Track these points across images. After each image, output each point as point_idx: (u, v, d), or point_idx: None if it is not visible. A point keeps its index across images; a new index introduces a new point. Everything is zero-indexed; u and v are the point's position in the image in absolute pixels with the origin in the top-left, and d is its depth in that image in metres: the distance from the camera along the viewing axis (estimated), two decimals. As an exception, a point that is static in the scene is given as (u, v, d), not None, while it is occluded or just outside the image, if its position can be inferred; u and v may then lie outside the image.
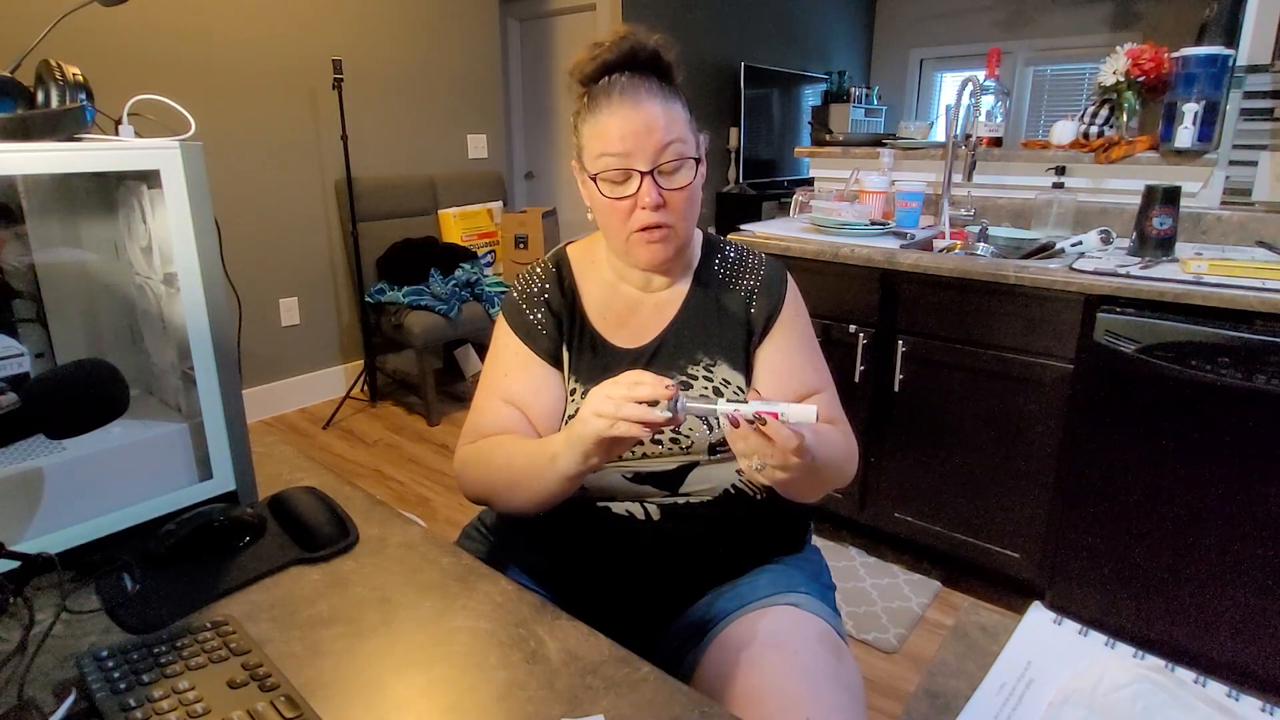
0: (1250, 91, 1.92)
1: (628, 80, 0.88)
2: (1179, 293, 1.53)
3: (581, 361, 0.96)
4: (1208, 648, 1.63)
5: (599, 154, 0.88)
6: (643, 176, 0.87)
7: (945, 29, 6.22)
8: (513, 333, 0.98)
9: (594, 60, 0.89)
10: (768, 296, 1.00)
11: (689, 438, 0.91)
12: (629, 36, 0.90)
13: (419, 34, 3.48)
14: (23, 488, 0.75)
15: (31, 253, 0.85)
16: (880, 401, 2.01)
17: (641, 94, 0.87)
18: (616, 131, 0.86)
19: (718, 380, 0.95)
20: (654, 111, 0.87)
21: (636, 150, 0.86)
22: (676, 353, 0.96)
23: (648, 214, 0.88)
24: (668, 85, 0.90)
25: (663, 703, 0.61)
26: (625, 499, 0.93)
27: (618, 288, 1.00)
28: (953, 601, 1.95)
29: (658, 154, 0.87)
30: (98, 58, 2.51)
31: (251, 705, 0.56)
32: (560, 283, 1.00)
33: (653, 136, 0.86)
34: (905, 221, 2.23)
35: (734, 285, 1.01)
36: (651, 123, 0.86)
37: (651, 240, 0.90)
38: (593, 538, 0.93)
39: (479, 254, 3.48)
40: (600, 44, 0.90)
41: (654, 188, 0.87)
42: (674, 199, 0.89)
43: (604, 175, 0.88)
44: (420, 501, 2.55)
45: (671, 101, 0.89)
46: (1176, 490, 1.60)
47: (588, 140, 0.90)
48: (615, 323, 0.98)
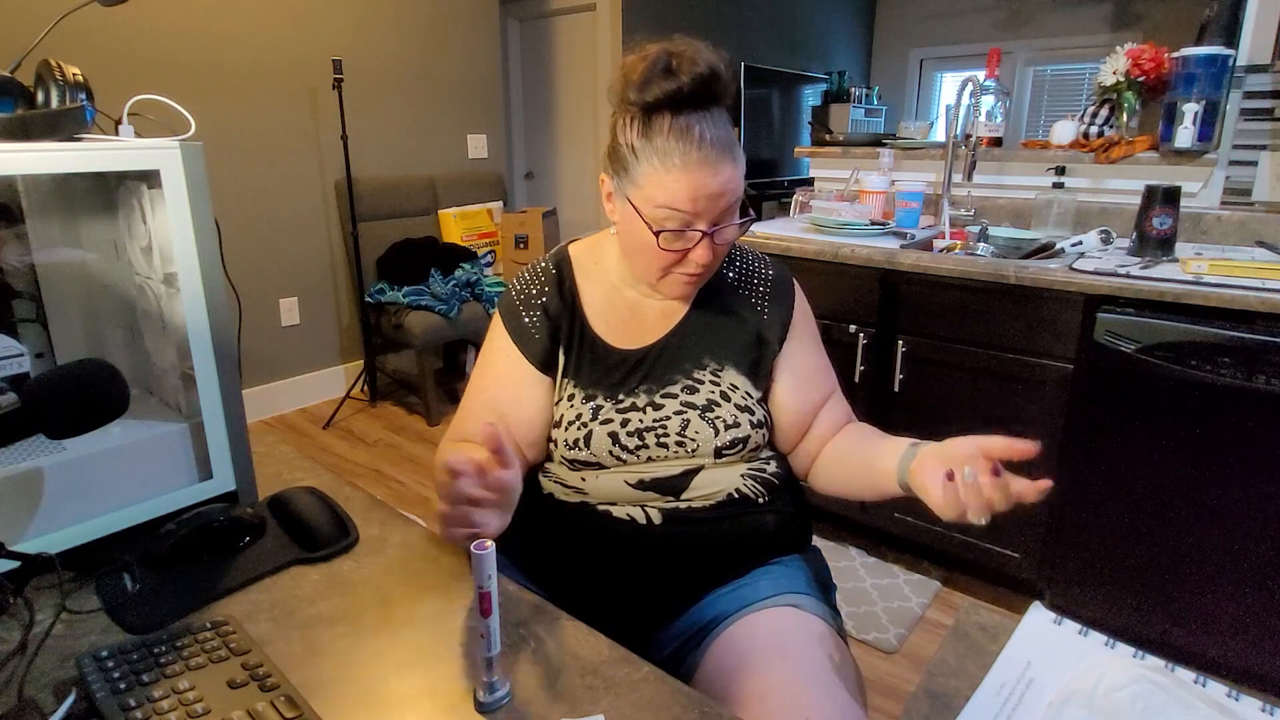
0: (1250, 91, 1.92)
1: (709, 131, 0.83)
2: (1179, 293, 1.53)
3: (581, 365, 0.95)
4: (1208, 648, 1.63)
5: (663, 204, 0.84)
6: (703, 236, 0.85)
7: (945, 29, 6.22)
8: (506, 334, 0.97)
9: (662, 86, 0.82)
10: (781, 304, 1.00)
11: (694, 440, 0.91)
12: (701, 60, 0.82)
13: (419, 34, 3.48)
14: (23, 488, 0.75)
15: (31, 253, 0.85)
16: (880, 401, 2.01)
17: (719, 154, 0.83)
18: (689, 193, 0.82)
19: (725, 385, 0.94)
20: (732, 174, 0.84)
21: (706, 212, 0.84)
22: (680, 356, 0.95)
23: (696, 265, 0.88)
24: (730, 123, 0.87)
25: (663, 703, 0.61)
26: (627, 504, 0.92)
27: (622, 291, 0.99)
28: (953, 601, 1.95)
29: (722, 215, 0.86)
30: (98, 58, 2.51)
31: (251, 705, 0.56)
32: (560, 285, 0.98)
33: (724, 200, 0.84)
34: (905, 221, 2.23)
35: (744, 291, 1.00)
36: (725, 187, 0.84)
37: (689, 282, 0.91)
38: (593, 540, 0.93)
39: (479, 254, 3.48)
40: (669, 66, 0.82)
41: (710, 245, 0.86)
42: (719, 250, 0.89)
43: (664, 230, 0.85)
44: (420, 501, 2.55)
45: (737, 151, 0.85)
46: (1176, 490, 1.60)
47: (647, 183, 0.84)
48: (618, 325, 0.97)
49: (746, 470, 0.94)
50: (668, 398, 0.93)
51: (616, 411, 0.92)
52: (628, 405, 0.92)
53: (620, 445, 0.91)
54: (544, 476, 0.98)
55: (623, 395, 0.93)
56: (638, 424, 0.91)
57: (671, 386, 0.93)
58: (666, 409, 0.92)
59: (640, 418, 0.91)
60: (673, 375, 0.94)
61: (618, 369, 0.94)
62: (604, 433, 0.91)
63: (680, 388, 0.93)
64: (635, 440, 0.91)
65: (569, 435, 0.92)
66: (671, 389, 0.93)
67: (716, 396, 0.93)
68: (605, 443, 0.91)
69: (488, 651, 0.58)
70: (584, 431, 0.91)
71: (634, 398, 0.93)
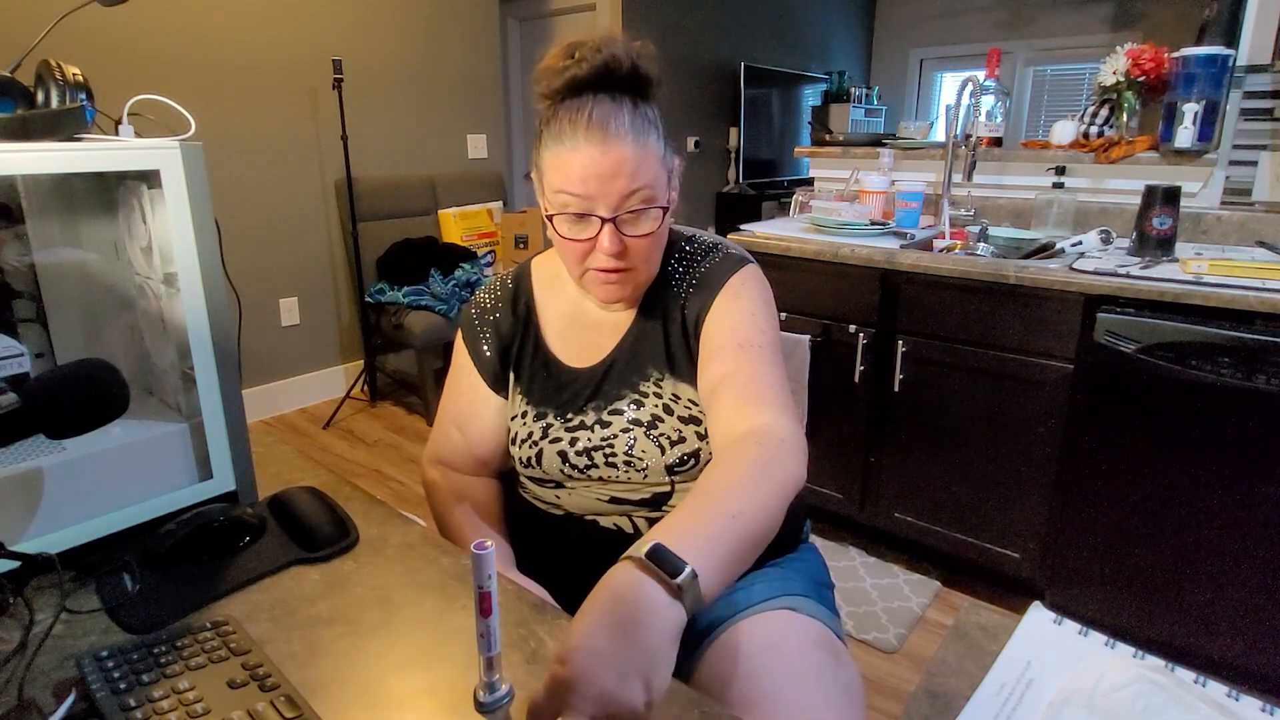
0: (1250, 91, 1.92)
1: (598, 110, 0.79)
2: (1179, 293, 1.53)
3: (534, 383, 0.94)
4: (1208, 648, 1.63)
5: (558, 189, 0.80)
6: (603, 223, 0.80)
7: (945, 29, 6.22)
8: (464, 347, 0.99)
9: (563, 74, 0.81)
10: (706, 289, 0.90)
11: (642, 459, 0.88)
12: (605, 47, 0.81)
13: (419, 34, 3.48)
14: (23, 488, 0.75)
15: (31, 253, 0.85)
16: (880, 401, 2.01)
17: (611, 130, 0.78)
18: (579, 172, 0.78)
19: (667, 396, 0.89)
20: (623, 154, 0.78)
21: (599, 195, 0.79)
22: (628, 371, 0.91)
23: (605, 258, 0.82)
24: (643, 110, 0.82)
25: (662, 703, 0.61)
26: (612, 516, 0.92)
27: (581, 305, 0.95)
28: (953, 601, 1.95)
29: (622, 201, 0.80)
30: (98, 58, 2.51)
31: (251, 705, 0.56)
32: (515, 303, 0.97)
33: (618, 182, 0.78)
34: (905, 221, 2.23)
35: (675, 287, 0.92)
36: (619, 167, 0.78)
37: (608, 281, 0.85)
38: (583, 550, 0.93)
39: (479, 254, 3.48)
40: (572, 55, 0.82)
41: (614, 235, 0.80)
42: (635, 245, 0.83)
43: (561, 215, 0.82)
44: (420, 501, 2.55)
45: (644, 136, 0.80)
46: (1176, 490, 1.60)
47: (548, 169, 0.82)
48: (574, 342, 0.95)
49: None
50: (615, 414, 0.90)
51: (565, 430, 0.91)
52: (576, 424, 0.91)
53: (570, 464, 0.90)
54: (522, 490, 0.98)
55: (571, 414, 0.92)
56: (585, 443, 0.90)
57: (619, 403, 0.90)
58: (614, 427, 0.89)
59: (589, 436, 0.90)
60: (620, 390, 0.91)
61: (569, 387, 0.93)
62: (553, 451, 0.90)
63: (628, 403, 0.90)
64: (584, 460, 0.90)
65: (522, 453, 0.93)
66: (619, 405, 0.90)
67: (660, 410, 0.89)
68: (555, 461, 0.90)
69: (488, 651, 0.58)
70: (535, 450, 0.91)
71: (583, 415, 0.91)
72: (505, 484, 1.06)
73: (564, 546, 0.95)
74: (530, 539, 0.98)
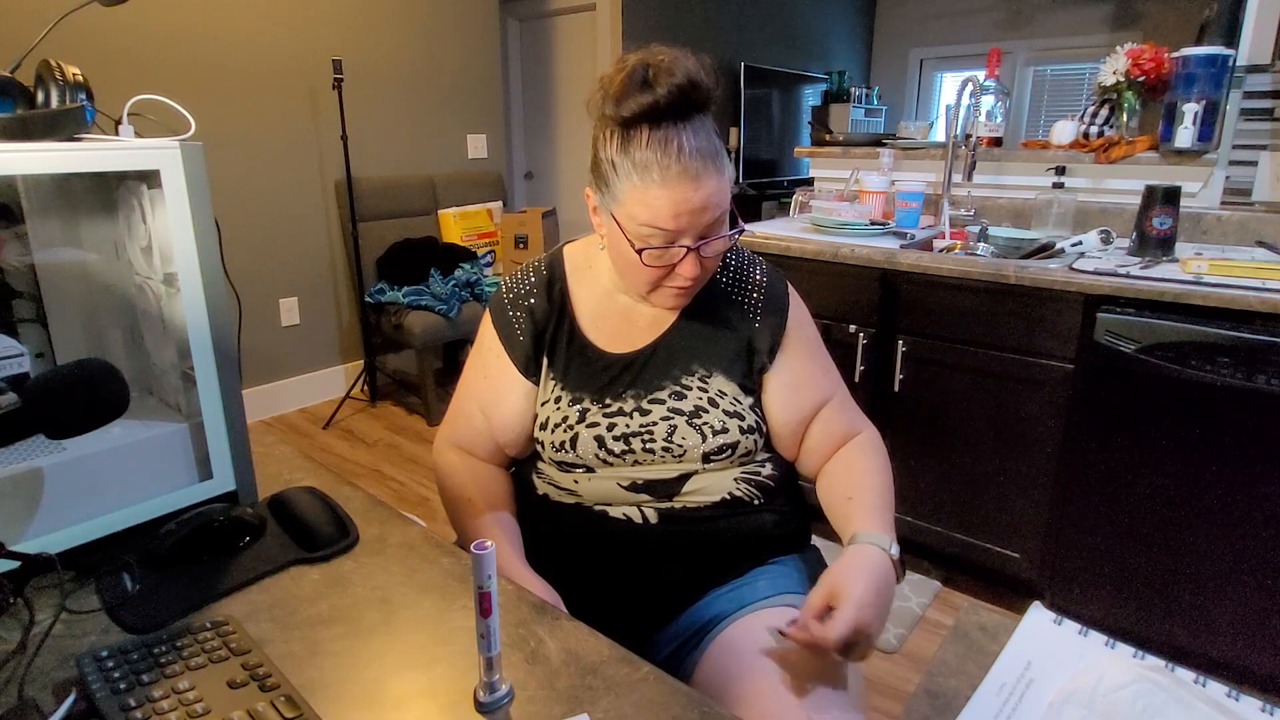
0: (1250, 91, 1.92)
1: (686, 144, 0.79)
2: (1179, 293, 1.53)
3: (569, 368, 0.95)
4: (1208, 648, 1.63)
5: (645, 222, 0.81)
6: (688, 251, 0.83)
7: (945, 29, 6.22)
8: (495, 332, 0.98)
9: (640, 101, 0.79)
10: (776, 315, 0.97)
11: (682, 446, 0.90)
12: (678, 71, 0.79)
13: (419, 34, 3.48)
14: (23, 488, 0.75)
15: (31, 253, 0.85)
16: (880, 402, 2.01)
17: (701, 166, 0.79)
18: (671, 209, 0.80)
19: (713, 391, 0.93)
20: (712, 188, 0.81)
21: (689, 228, 0.81)
22: (669, 362, 0.94)
23: (685, 279, 0.85)
24: (711, 128, 0.83)
25: (662, 703, 0.61)
26: (622, 505, 0.92)
27: (613, 295, 0.97)
28: (953, 601, 1.95)
29: (707, 229, 0.83)
30: (98, 58, 2.51)
31: (251, 705, 0.56)
32: (550, 288, 0.98)
33: (707, 214, 0.81)
34: (905, 221, 2.23)
35: (737, 297, 0.97)
36: (709, 200, 0.81)
37: (679, 295, 0.89)
38: (590, 540, 0.93)
39: (479, 254, 3.48)
40: (645, 78, 0.80)
41: (697, 260, 0.84)
42: (709, 263, 0.87)
43: (648, 249, 0.83)
44: (420, 501, 2.55)
45: (721, 160, 0.82)
46: (1176, 490, 1.60)
47: (628, 199, 0.82)
48: (608, 329, 0.96)
49: (740, 474, 0.93)
50: (655, 403, 0.92)
51: (603, 415, 0.91)
52: (614, 409, 0.92)
53: (606, 449, 0.91)
54: (537, 477, 0.98)
55: (609, 399, 0.92)
56: (624, 428, 0.91)
57: (659, 392, 0.92)
58: (654, 414, 0.91)
59: (627, 422, 0.91)
60: (660, 381, 0.93)
61: (605, 373, 0.94)
62: (590, 436, 0.91)
63: (668, 393, 0.92)
64: (621, 445, 0.91)
65: (555, 438, 0.92)
66: (659, 394, 0.92)
67: (704, 402, 0.91)
68: (591, 446, 0.91)
69: (488, 651, 0.58)
70: (570, 434, 0.91)
71: (621, 402, 0.92)
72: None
73: (571, 537, 0.95)
74: (536, 529, 0.98)
